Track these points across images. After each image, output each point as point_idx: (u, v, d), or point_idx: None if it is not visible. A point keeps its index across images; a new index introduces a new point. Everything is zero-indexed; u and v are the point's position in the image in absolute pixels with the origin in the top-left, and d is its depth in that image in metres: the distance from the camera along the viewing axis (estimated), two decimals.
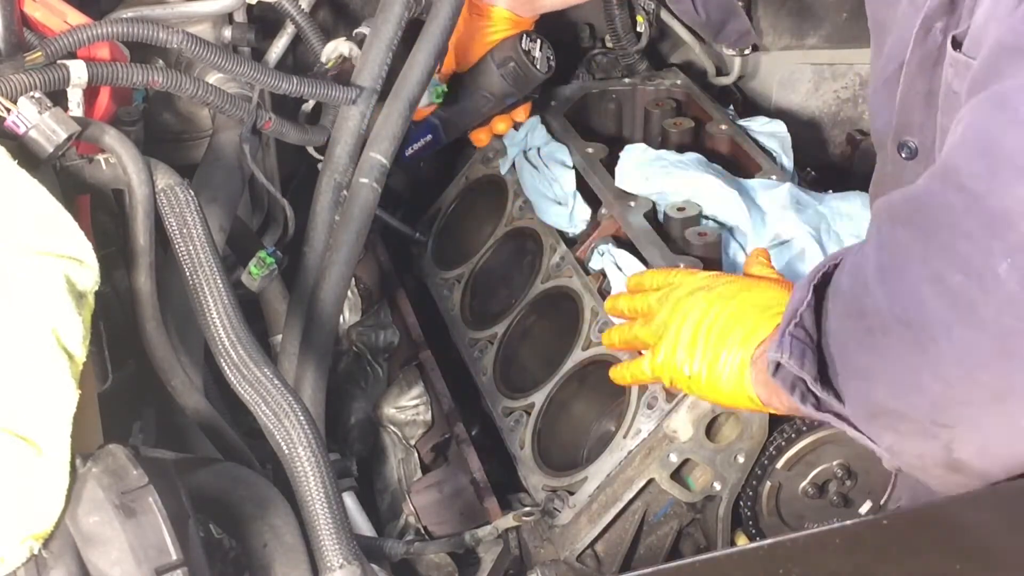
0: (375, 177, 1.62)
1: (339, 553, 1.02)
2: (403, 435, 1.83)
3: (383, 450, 1.83)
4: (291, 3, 1.71)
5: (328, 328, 1.58)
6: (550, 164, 1.92)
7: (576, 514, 1.58)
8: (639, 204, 1.78)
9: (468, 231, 2.01)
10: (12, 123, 1.18)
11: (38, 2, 1.43)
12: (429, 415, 1.83)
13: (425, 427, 1.84)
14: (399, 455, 1.81)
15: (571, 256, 1.81)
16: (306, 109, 1.75)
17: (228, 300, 1.17)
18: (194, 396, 1.28)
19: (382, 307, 1.93)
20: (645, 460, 1.55)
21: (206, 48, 1.49)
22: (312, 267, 1.61)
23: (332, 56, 1.70)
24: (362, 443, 1.82)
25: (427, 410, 1.84)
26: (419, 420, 1.84)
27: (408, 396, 1.85)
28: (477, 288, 1.95)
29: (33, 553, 0.89)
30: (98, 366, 1.16)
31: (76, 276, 1.01)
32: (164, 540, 0.89)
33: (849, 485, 1.63)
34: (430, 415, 1.83)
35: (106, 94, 1.47)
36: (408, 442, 1.83)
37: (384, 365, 1.87)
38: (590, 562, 1.60)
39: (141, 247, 1.21)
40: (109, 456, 0.93)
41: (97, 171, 1.22)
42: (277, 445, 1.08)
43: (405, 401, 1.85)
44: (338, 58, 1.70)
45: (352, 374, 1.84)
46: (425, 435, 1.83)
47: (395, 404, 1.84)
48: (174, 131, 1.77)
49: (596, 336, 1.69)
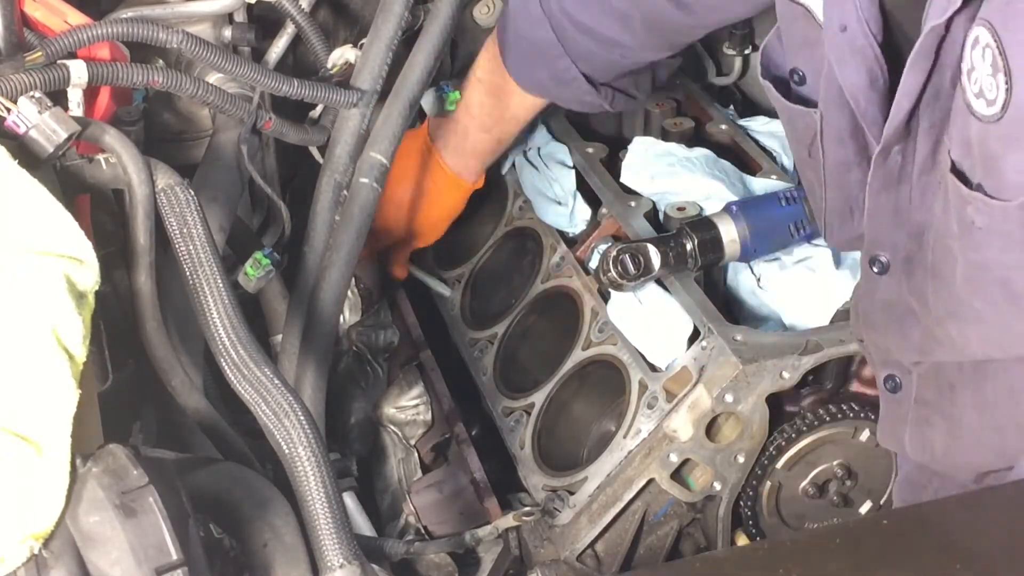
0: (375, 177, 1.62)
1: (339, 553, 1.02)
2: (403, 435, 1.83)
3: (383, 450, 1.83)
4: (291, 3, 1.71)
5: (328, 328, 1.58)
6: (550, 164, 1.92)
7: (576, 514, 1.58)
8: (639, 204, 1.78)
9: (468, 231, 2.02)
10: (12, 123, 1.18)
11: (38, 2, 1.43)
12: (429, 415, 1.84)
13: (425, 427, 1.84)
14: (399, 455, 1.81)
15: (571, 256, 1.81)
16: (314, 115, 1.75)
17: (228, 300, 1.17)
18: (194, 396, 1.28)
19: (382, 307, 1.93)
20: (645, 460, 1.55)
21: (206, 48, 1.49)
22: (312, 267, 1.61)
23: (338, 62, 1.70)
24: (362, 443, 1.82)
25: (427, 410, 1.84)
26: (419, 420, 1.84)
27: (408, 396, 1.85)
28: (477, 288, 1.95)
29: (33, 553, 0.88)
30: (98, 366, 1.16)
31: (76, 276, 1.01)
32: (164, 540, 0.89)
33: (849, 485, 1.63)
34: (430, 415, 1.83)
35: (106, 94, 1.47)
36: (408, 442, 1.83)
37: (384, 365, 1.87)
38: (590, 562, 1.60)
39: (141, 247, 1.21)
40: (109, 456, 0.93)
41: (97, 171, 1.22)
42: (277, 445, 1.08)
43: (405, 401, 1.85)
44: (344, 64, 1.69)
45: (352, 374, 1.84)
46: (425, 435, 1.83)
47: (395, 404, 1.84)
48: (174, 131, 1.76)
49: (596, 336, 1.69)
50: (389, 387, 1.86)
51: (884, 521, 0.81)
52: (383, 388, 1.86)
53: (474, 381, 1.84)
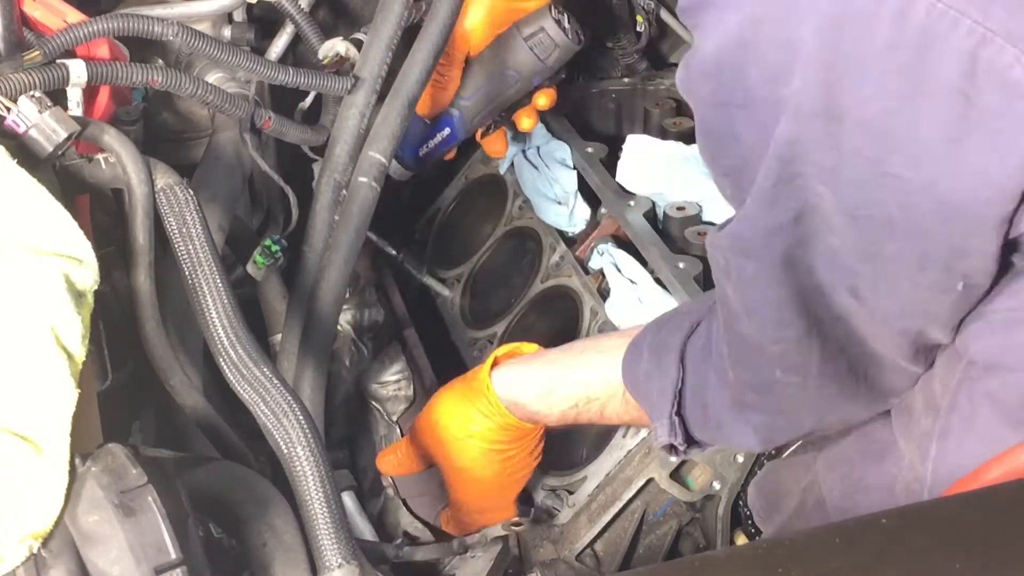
0: (374, 176, 1.62)
1: (338, 552, 1.02)
2: (385, 411, 1.83)
3: (366, 427, 1.83)
4: (291, 3, 1.71)
5: (327, 327, 1.58)
6: (550, 163, 1.92)
7: (575, 513, 1.58)
8: (638, 204, 1.78)
9: (468, 230, 2.02)
10: (12, 122, 1.18)
11: (38, 2, 1.43)
12: (411, 390, 1.84)
13: (407, 402, 1.84)
14: (381, 431, 1.82)
15: (571, 255, 1.81)
16: (303, 106, 1.75)
17: (227, 300, 1.17)
18: (193, 395, 1.28)
19: (368, 287, 1.92)
20: (644, 459, 1.55)
21: (203, 41, 1.49)
22: (311, 266, 1.61)
23: (329, 54, 1.69)
24: (348, 422, 1.82)
25: (408, 385, 1.84)
26: (400, 395, 1.84)
27: (389, 372, 1.85)
28: (477, 287, 1.95)
29: (32, 552, 0.88)
30: (97, 365, 1.16)
31: (75, 275, 1.01)
32: (163, 539, 0.89)
33: None
34: (412, 391, 1.84)
35: (106, 93, 1.47)
36: (390, 418, 1.83)
37: (370, 344, 1.87)
38: (589, 561, 1.60)
39: (140, 246, 1.21)
40: (108, 455, 0.92)
41: (97, 170, 1.22)
42: (276, 445, 1.08)
43: (387, 376, 1.84)
44: (335, 57, 1.69)
45: (338, 352, 1.83)
46: (407, 411, 1.84)
47: (376, 380, 1.84)
48: (174, 131, 1.77)
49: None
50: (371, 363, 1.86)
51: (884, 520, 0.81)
52: (368, 366, 1.86)
53: None
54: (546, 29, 1.76)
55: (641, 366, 1.36)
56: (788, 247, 1.05)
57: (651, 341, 1.37)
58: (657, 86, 2.11)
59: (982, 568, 0.79)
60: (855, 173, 0.97)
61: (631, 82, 2.13)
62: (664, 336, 1.35)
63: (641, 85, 2.12)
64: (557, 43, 1.77)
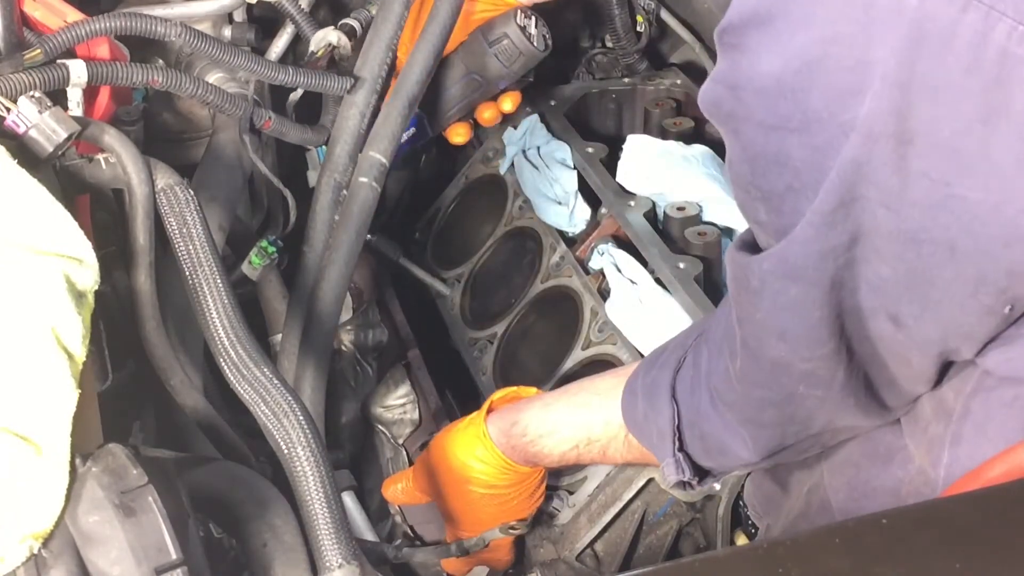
0: (374, 176, 1.62)
1: (338, 552, 1.02)
2: (391, 434, 1.83)
3: (372, 449, 1.83)
4: (291, 2, 1.71)
5: (327, 328, 1.58)
6: (550, 164, 1.92)
7: (576, 513, 1.58)
8: (639, 204, 1.78)
9: (468, 231, 2.01)
10: (12, 122, 1.18)
11: (38, 2, 1.43)
12: (416, 414, 1.84)
13: (413, 426, 1.84)
14: (387, 454, 1.81)
15: (571, 256, 1.81)
16: (293, 99, 1.74)
17: (228, 300, 1.17)
18: (193, 395, 1.28)
19: (371, 306, 1.93)
20: None
21: (203, 41, 1.49)
22: (312, 267, 1.61)
23: (321, 45, 1.69)
24: (353, 442, 1.82)
25: (414, 408, 1.84)
26: (406, 419, 1.84)
27: (395, 395, 1.85)
28: (477, 287, 1.95)
29: (33, 552, 0.89)
30: (98, 366, 1.16)
31: (76, 275, 1.01)
32: (164, 539, 0.89)
33: None
34: (417, 414, 1.83)
35: (106, 93, 1.47)
36: (396, 441, 1.83)
37: (374, 364, 1.87)
38: (590, 562, 1.60)
39: (141, 246, 1.21)
40: (109, 455, 0.92)
41: (97, 170, 1.22)
42: (276, 445, 1.08)
43: (392, 400, 1.84)
44: (327, 47, 1.69)
45: (342, 373, 1.84)
46: (413, 434, 1.83)
47: (382, 403, 1.84)
48: (174, 131, 1.77)
49: (596, 336, 1.69)
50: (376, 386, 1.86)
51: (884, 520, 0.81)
52: (373, 387, 1.86)
53: (474, 381, 1.84)
54: (510, 36, 1.75)
55: (639, 409, 1.36)
56: (838, 269, 1.03)
57: (643, 382, 1.36)
58: (657, 86, 2.11)
59: (982, 568, 0.79)
60: (921, 195, 0.95)
61: (631, 82, 2.13)
62: (655, 375, 1.35)
63: (641, 85, 2.12)
64: (521, 50, 1.76)
